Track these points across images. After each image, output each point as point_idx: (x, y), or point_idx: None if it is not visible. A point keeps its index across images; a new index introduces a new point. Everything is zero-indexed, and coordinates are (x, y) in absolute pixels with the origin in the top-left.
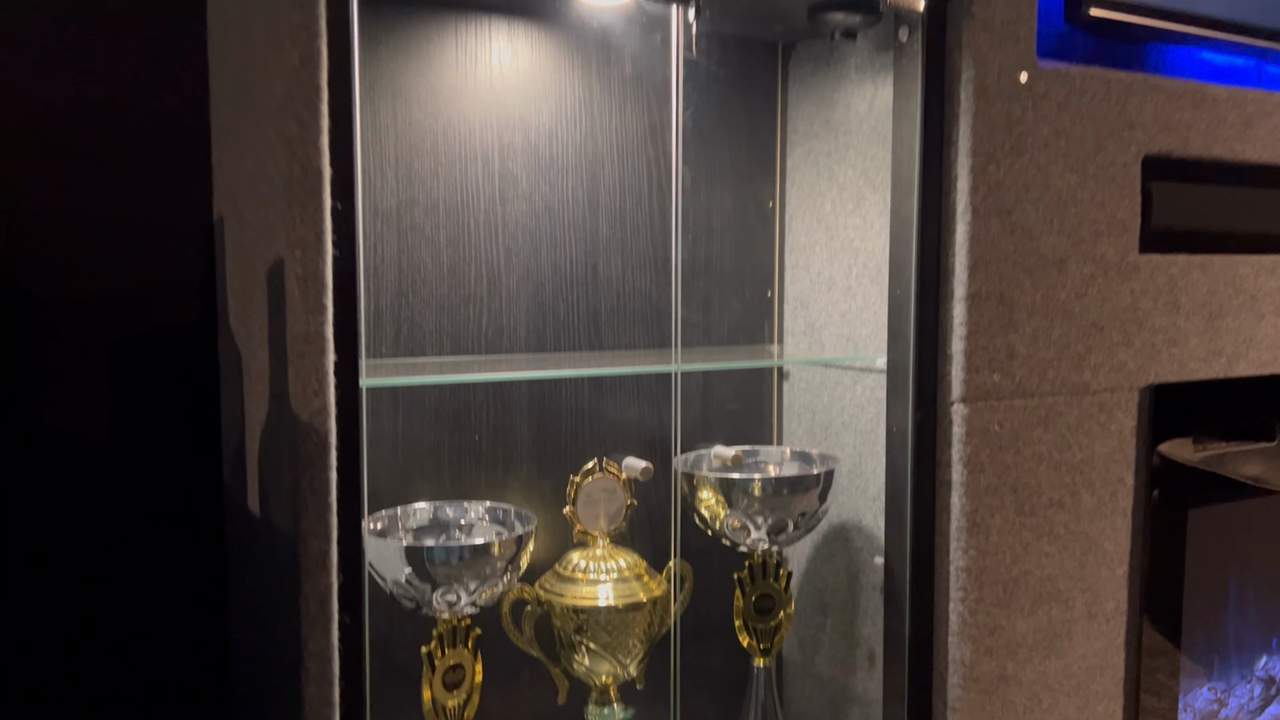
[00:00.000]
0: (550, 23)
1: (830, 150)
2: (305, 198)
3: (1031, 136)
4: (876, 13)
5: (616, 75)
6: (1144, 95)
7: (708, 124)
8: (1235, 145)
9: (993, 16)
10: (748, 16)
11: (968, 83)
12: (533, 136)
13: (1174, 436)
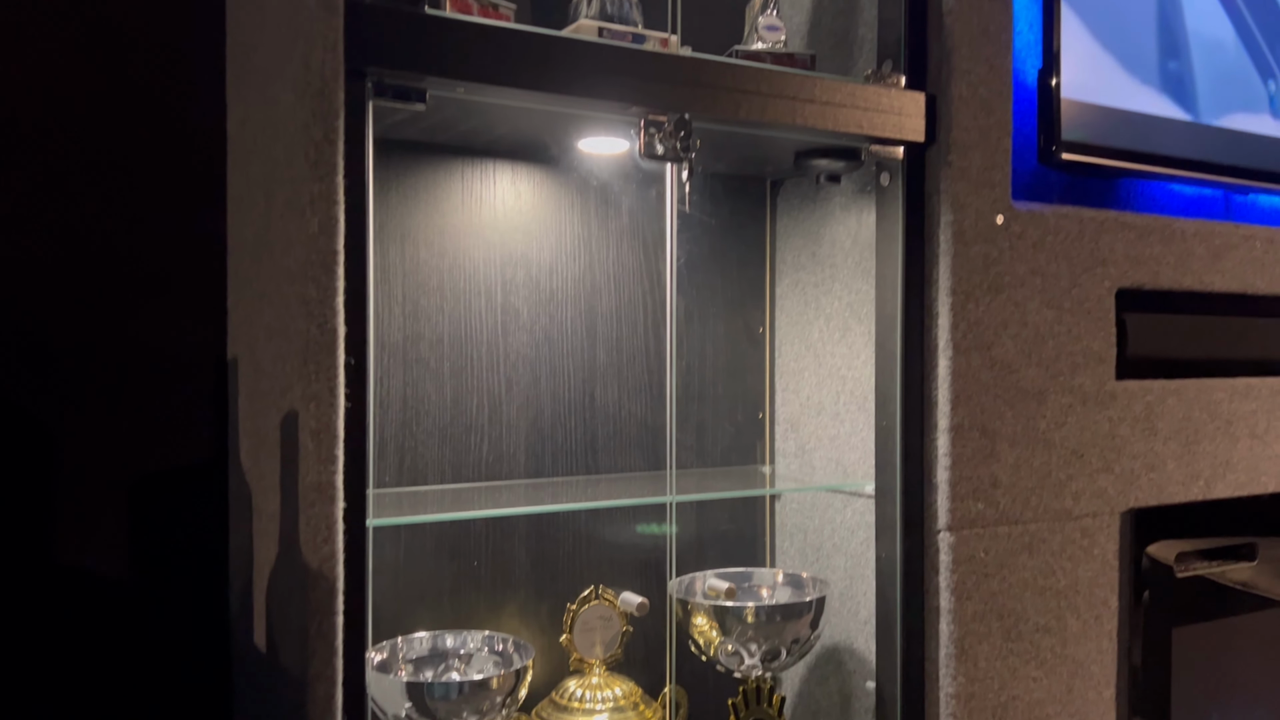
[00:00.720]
0: (553, 166)
1: (817, 282)
2: (321, 355)
3: (1009, 275)
4: (858, 159)
5: (614, 214)
6: (1115, 232)
7: (700, 256)
8: (1204, 276)
9: (969, 165)
10: (738, 160)
11: (946, 226)
12: (534, 272)
13: (1153, 575)
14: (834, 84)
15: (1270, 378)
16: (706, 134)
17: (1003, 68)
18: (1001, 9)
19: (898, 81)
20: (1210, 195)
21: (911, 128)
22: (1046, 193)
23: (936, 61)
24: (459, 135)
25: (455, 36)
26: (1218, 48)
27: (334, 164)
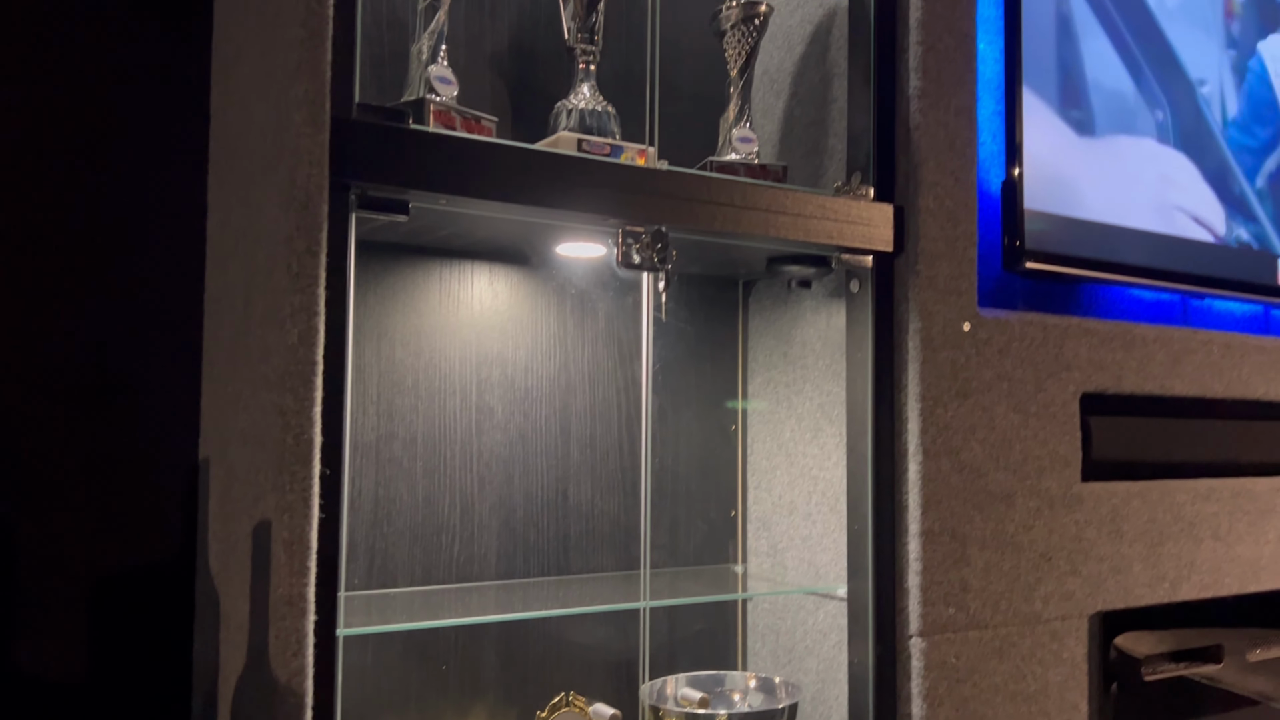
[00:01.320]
0: (531, 268)
1: (789, 381)
2: (296, 465)
3: (976, 380)
4: (829, 267)
5: (590, 315)
6: (1078, 338)
7: (675, 356)
8: (1165, 381)
9: (936, 274)
10: (712, 263)
11: (915, 333)
12: (509, 371)
13: (1121, 668)
14: (805, 196)
15: (1230, 479)
16: (682, 241)
17: (968, 180)
18: (966, 124)
19: (867, 193)
20: (1169, 299)
21: (880, 238)
22: (1011, 297)
23: (904, 174)
24: (439, 239)
25: (438, 151)
26: (1179, 165)
27: (315, 276)
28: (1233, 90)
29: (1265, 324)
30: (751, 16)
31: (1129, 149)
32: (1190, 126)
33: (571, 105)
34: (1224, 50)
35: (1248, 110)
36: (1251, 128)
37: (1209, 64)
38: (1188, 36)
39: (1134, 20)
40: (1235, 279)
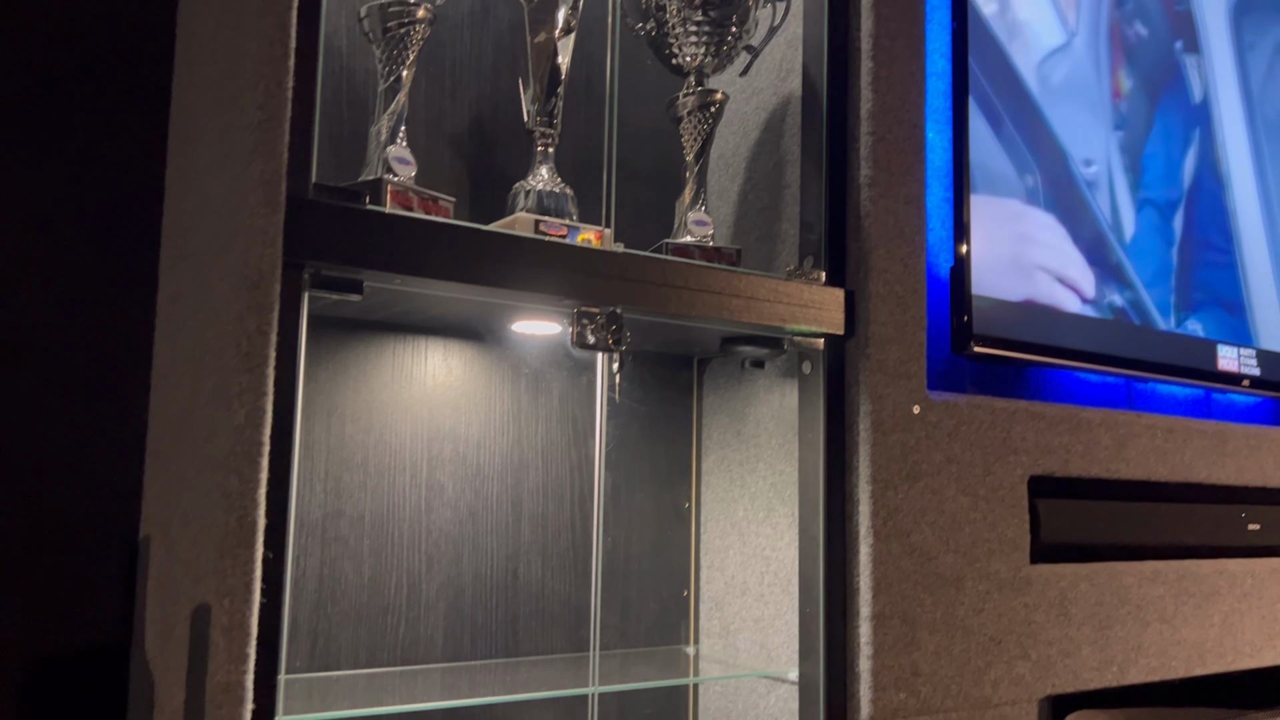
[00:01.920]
0: (485, 344)
1: (742, 460)
2: (238, 548)
3: (926, 463)
4: (781, 348)
5: (545, 391)
6: (1026, 422)
7: (629, 434)
8: (1110, 464)
9: (886, 357)
10: (666, 341)
11: (865, 415)
12: (461, 447)
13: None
14: (758, 280)
15: (1175, 561)
16: (637, 321)
17: (917, 266)
18: (915, 212)
19: (818, 277)
20: (1114, 382)
21: (831, 321)
22: (961, 379)
23: (855, 260)
24: (394, 315)
25: (393, 232)
26: (1128, 251)
27: (265, 355)
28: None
29: (1206, 407)
30: (707, 104)
31: (1074, 238)
32: (1153, 221)
33: (530, 186)
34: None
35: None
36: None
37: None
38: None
39: (1079, 119)
40: (1177, 364)
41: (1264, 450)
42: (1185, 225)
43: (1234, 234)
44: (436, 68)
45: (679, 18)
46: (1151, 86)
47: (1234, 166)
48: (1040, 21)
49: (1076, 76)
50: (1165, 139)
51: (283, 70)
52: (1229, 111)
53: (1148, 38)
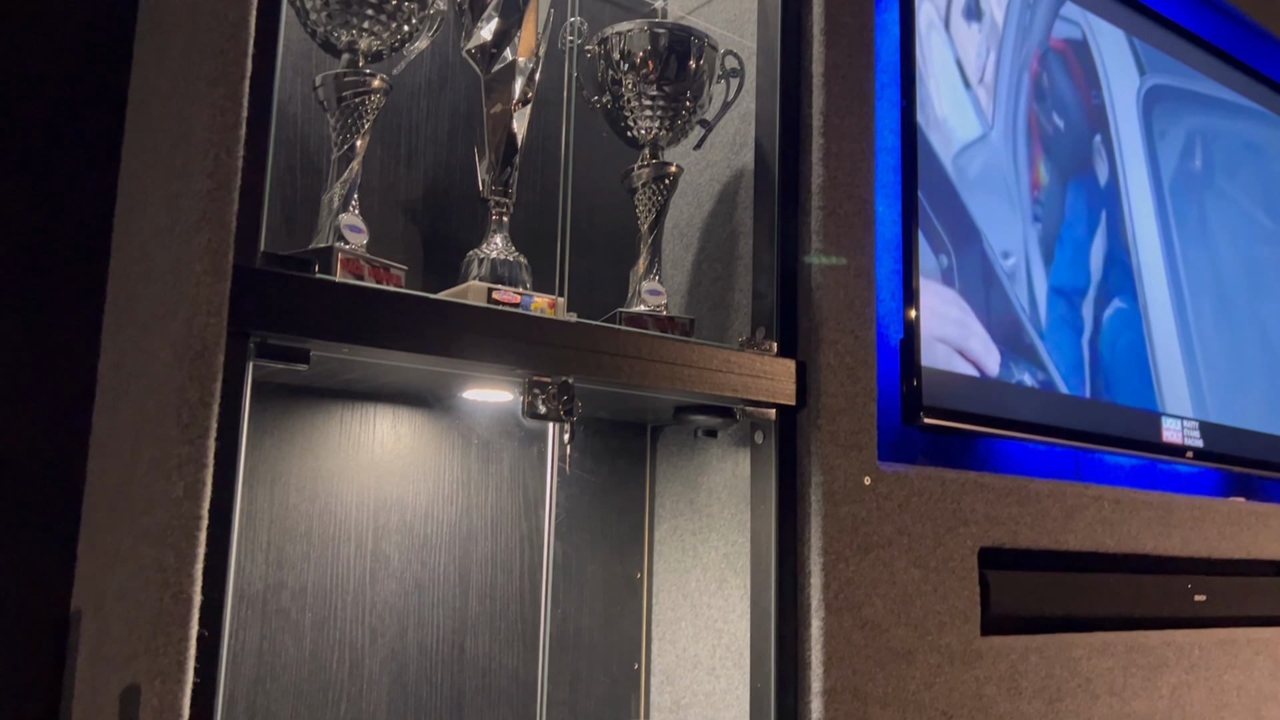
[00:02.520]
0: (436, 411)
1: (695, 530)
2: (172, 626)
3: (877, 535)
4: (734, 417)
5: (495, 459)
6: (975, 493)
7: (580, 504)
8: (1059, 536)
9: (838, 428)
10: (619, 410)
11: (817, 487)
12: (408, 516)
13: None
14: (711, 350)
15: (1124, 632)
16: (590, 390)
17: (867, 338)
18: (865, 285)
19: (771, 348)
20: (1062, 451)
21: (783, 392)
22: (912, 449)
23: (806, 331)
24: (342, 382)
25: (342, 301)
26: (1070, 325)
27: (207, 427)
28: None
29: (1152, 477)
30: (662, 176)
31: (1022, 311)
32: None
33: (483, 254)
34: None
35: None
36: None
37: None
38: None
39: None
40: (1123, 436)
41: (1208, 521)
42: (1099, 308)
43: (1144, 315)
44: (392, 134)
45: (634, 92)
46: (1072, 175)
47: (1144, 253)
48: (959, 115)
49: (994, 167)
50: (1081, 226)
51: (233, 139)
52: (1140, 202)
53: (1064, 130)
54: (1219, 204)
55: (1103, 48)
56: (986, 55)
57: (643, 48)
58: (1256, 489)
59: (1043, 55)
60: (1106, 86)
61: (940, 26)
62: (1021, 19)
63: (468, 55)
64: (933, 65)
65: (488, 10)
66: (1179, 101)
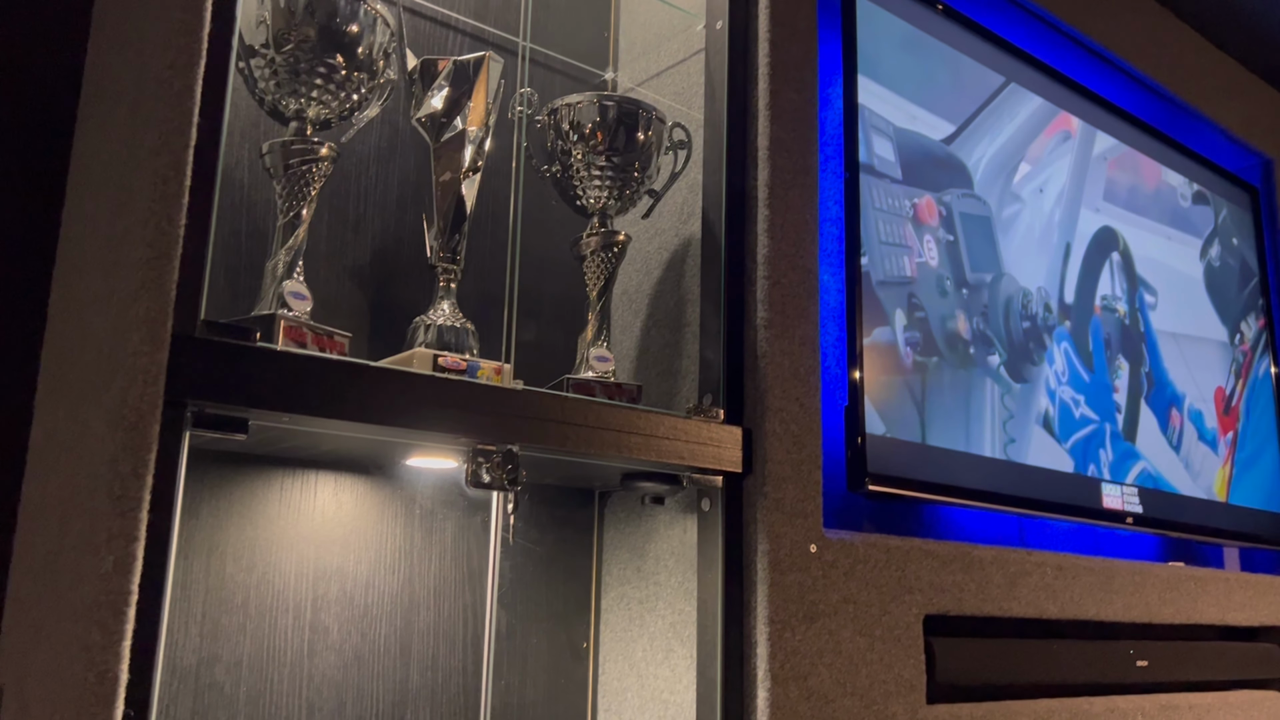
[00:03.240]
0: (379, 478)
1: (642, 598)
2: (96, 707)
3: (823, 604)
4: (681, 484)
5: (439, 527)
6: (920, 560)
7: (526, 571)
8: (1003, 603)
9: (783, 496)
10: (566, 475)
11: (763, 555)
12: (348, 586)
13: None
14: (658, 418)
15: (1068, 699)
16: (536, 458)
17: (812, 406)
18: (809, 353)
19: (718, 415)
20: (1007, 517)
21: (729, 459)
22: (858, 516)
23: (752, 399)
24: (283, 450)
25: (283, 370)
26: (1008, 393)
27: (139, 499)
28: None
29: (1095, 539)
30: (610, 244)
31: (964, 379)
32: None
33: (430, 321)
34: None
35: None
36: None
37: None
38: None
39: (978, 247)
40: (1064, 503)
41: (1148, 586)
42: (1036, 373)
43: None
44: (341, 200)
45: (583, 162)
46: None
47: (1075, 320)
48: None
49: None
50: (1018, 285)
51: (175, 208)
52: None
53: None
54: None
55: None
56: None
57: (592, 119)
58: (1196, 552)
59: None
60: (1043, 160)
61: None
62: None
63: (417, 124)
64: (875, 139)
65: (438, 80)
66: (1113, 168)
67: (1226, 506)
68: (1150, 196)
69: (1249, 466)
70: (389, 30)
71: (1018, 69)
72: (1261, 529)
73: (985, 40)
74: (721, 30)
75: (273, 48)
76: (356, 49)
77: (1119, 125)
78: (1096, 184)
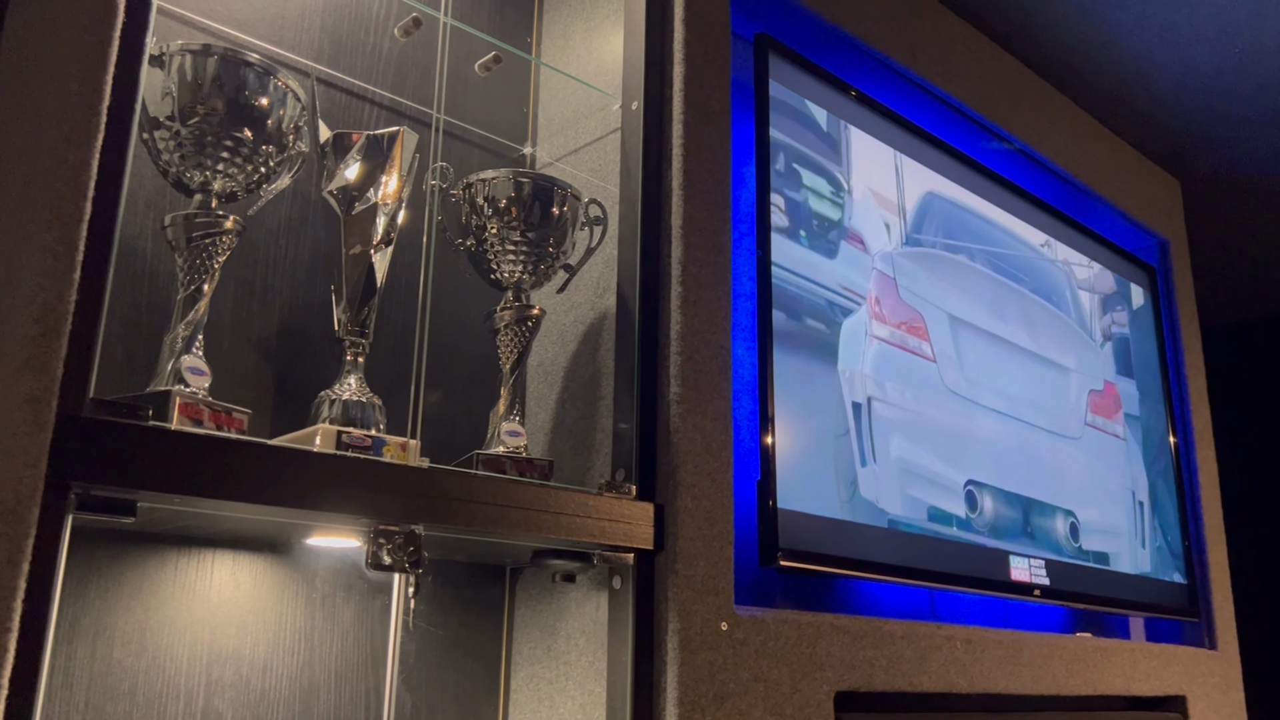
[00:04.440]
0: (278, 556)
1: (552, 679)
2: None
3: (733, 682)
4: (592, 561)
5: (342, 606)
6: (831, 636)
7: (433, 650)
8: (913, 678)
9: (695, 573)
10: (476, 552)
11: (674, 634)
12: (245, 670)
13: None
14: (568, 495)
15: None
16: (442, 538)
17: (724, 481)
18: (721, 428)
19: (630, 491)
20: (918, 591)
21: (641, 536)
22: (771, 591)
23: (664, 474)
24: (176, 529)
25: (174, 450)
26: (920, 471)
27: (14, 588)
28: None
29: (1005, 611)
30: (524, 319)
31: (868, 451)
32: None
33: (335, 395)
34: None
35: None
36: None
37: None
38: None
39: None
40: (973, 576)
41: (1055, 659)
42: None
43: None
44: (248, 271)
45: (498, 236)
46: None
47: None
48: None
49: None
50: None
51: (65, 284)
52: (975, 337)
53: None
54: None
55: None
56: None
57: (507, 194)
58: (1103, 622)
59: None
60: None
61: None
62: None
63: (329, 195)
64: (786, 217)
65: (351, 152)
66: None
67: (1131, 577)
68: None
69: (1156, 540)
70: (299, 104)
71: (917, 148)
72: (1163, 598)
73: (895, 125)
74: (637, 111)
75: (178, 120)
76: (265, 122)
77: (1029, 210)
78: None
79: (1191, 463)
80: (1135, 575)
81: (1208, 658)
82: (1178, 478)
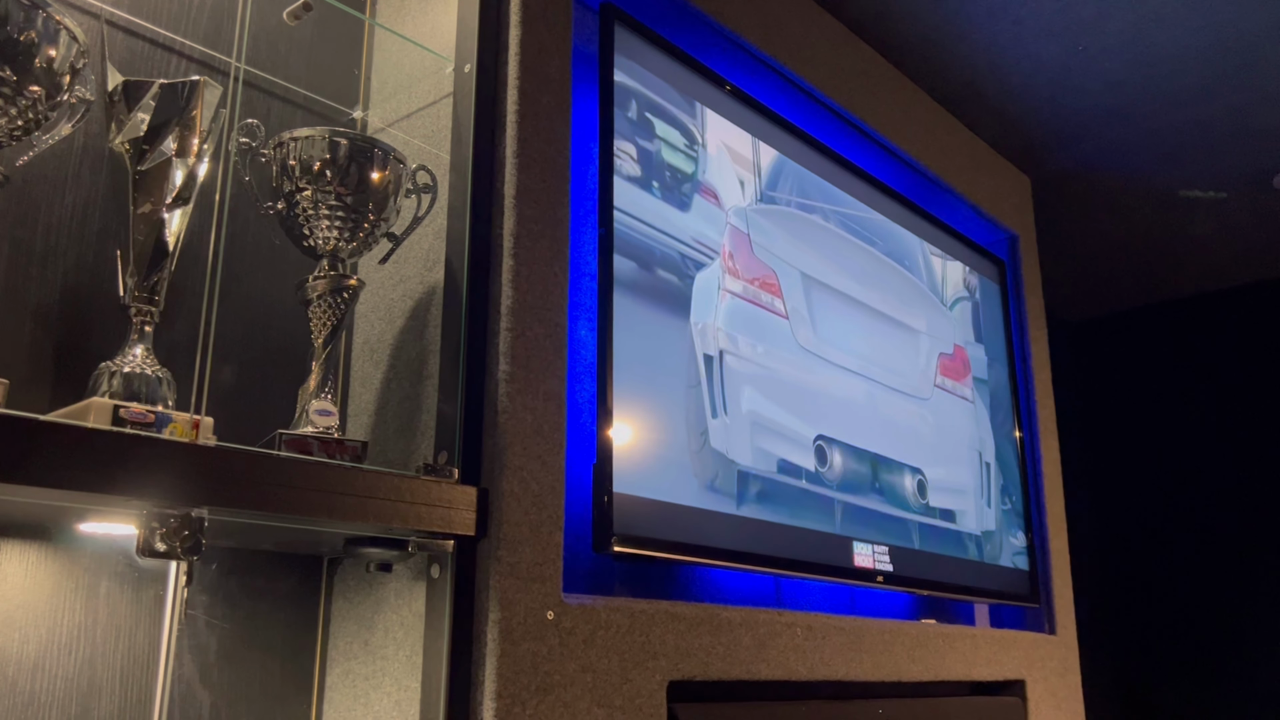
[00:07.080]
0: (52, 545)
1: (368, 675)
2: None
3: (559, 674)
4: (408, 550)
5: (130, 597)
6: (666, 624)
7: (240, 642)
8: (751, 666)
9: (519, 560)
10: (286, 540)
11: (494, 624)
12: (12, 672)
13: None
14: (378, 478)
15: None
16: (243, 525)
17: (555, 465)
18: (555, 409)
19: (452, 474)
20: (763, 577)
21: (461, 521)
22: (608, 578)
23: (490, 457)
24: None
25: None
26: (766, 461)
27: None
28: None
29: (851, 597)
30: (340, 289)
31: (712, 436)
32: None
33: (115, 368)
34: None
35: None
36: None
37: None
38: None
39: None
40: (816, 562)
41: (897, 645)
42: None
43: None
44: (27, 230)
45: (311, 200)
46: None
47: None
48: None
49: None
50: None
51: None
52: (831, 316)
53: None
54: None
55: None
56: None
57: (321, 156)
58: (948, 609)
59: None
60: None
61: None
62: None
63: (117, 147)
64: (631, 196)
65: (143, 101)
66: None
67: (975, 564)
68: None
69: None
70: (76, 43)
71: (773, 133)
72: (1005, 585)
73: (748, 108)
74: (469, 74)
75: None
76: (31, 61)
77: (883, 200)
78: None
79: (1036, 454)
80: (980, 562)
81: (1047, 642)
82: (1022, 469)
